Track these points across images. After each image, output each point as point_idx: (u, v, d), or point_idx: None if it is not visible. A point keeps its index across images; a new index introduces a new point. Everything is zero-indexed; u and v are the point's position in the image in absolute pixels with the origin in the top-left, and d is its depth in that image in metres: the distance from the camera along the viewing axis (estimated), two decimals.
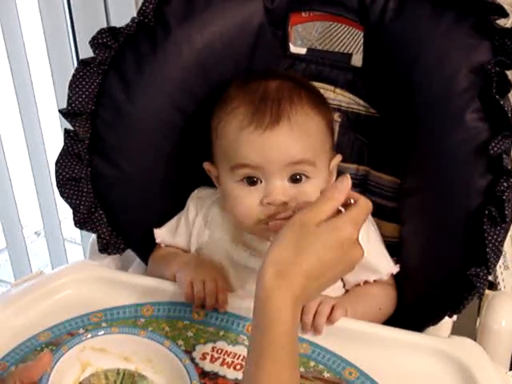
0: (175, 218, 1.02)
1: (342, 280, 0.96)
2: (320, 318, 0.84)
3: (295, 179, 0.88)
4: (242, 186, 0.89)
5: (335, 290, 0.94)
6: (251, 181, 0.88)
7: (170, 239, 1.01)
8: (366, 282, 0.95)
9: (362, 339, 0.85)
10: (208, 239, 0.99)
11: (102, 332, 0.77)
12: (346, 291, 0.97)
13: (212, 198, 1.00)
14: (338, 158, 0.95)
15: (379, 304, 0.94)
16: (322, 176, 0.90)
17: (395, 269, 0.95)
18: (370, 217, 0.97)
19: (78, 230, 1.78)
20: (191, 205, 1.01)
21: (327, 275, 0.70)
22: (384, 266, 0.95)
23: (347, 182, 0.73)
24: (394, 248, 0.97)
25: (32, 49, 1.55)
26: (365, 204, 0.73)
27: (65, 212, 1.73)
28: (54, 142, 1.62)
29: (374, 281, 0.95)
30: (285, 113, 0.87)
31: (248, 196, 0.88)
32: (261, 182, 0.88)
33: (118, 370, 0.77)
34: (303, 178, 0.88)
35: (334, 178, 0.95)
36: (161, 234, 1.01)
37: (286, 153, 0.86)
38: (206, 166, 0.95)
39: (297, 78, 0.94)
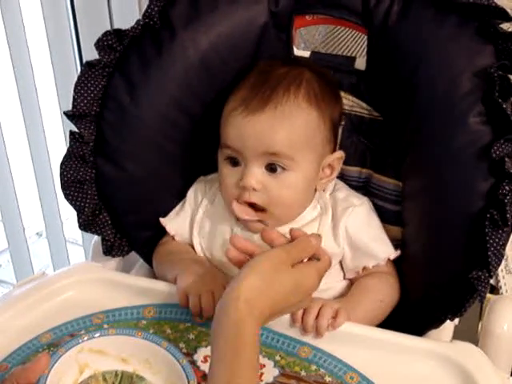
0: (180, 203, 1.03)
1: (342, 269, 0.97)
2: (322, 320, 0.84)
3: (271, 169, 0.90)
4: (227, 165, 0.93)
5: (335, 277, 0.96)
6: (234, 161, 0.92)
7: (174, 221, 1.01)
8: (364, 269, 0.95)
9: (364, 343, 0.84)
10: (213, 218, 0.99)
11: (100, 334, 0.77)
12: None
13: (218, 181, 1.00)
14: (337, 154, 0.96)
15: (380, 296, 0.93)
16: (304, 170, 0.91)
17: (394, 254, 0.96)
18: (370, 204, 0.99)
19: (79, 231, 1.79)
20: (198, 187, 1.02)
21: (284, 311, 0.79)
22: (382, 250, 0.96)
23: (320, 240, 0.81)
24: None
25: (35, 51, 1.55)
26: (328, 260, 0.83)
27: (67, 213, 1.73)
28: (57, 144, 1.63)
29: (373, 267, 0.95)
30: (274, 99, 0.89)
31: (229, 175, 0.93)
32: (242, 164, 0.91)
33: (116, 371, 0.77)
34: (279, 168, 0.90)
35: (336, 174, 0.96)
36: (166, 220, 1.01)
37: (262, 141, 0.88)
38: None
39: (314, 68, 0.95)
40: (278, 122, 0.88)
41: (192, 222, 1.01)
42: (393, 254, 0.96)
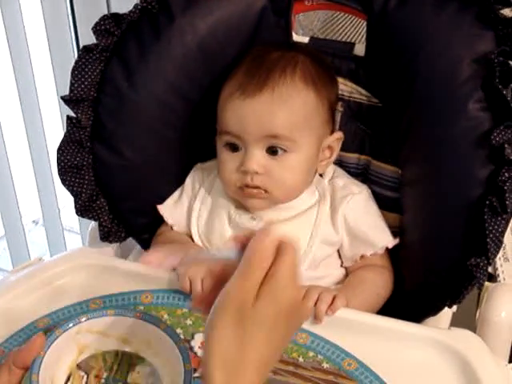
0: (177, 190, 1.02)
1: (340, 257, 0.98)
2: (322, 305, 0.84)
3: (273, 151, 0.90)
4: (226, 150, 0.93)
5: (333, 264, 0.96)
6: (233, 147, 0.92)
7: (172, 210, 1.01)
8: (362, 258, 0.95)
9: (362, 330, 0.84)
10: (211, 205, 0.99)
11: (98, 315, 0.77)
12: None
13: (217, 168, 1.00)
14: (336, 135, 0.96)
15: (376, 289, 0.94)
16: (305, 151, 0.91)
17: (392, 242, 0.96)
18: (369, 192, 0.98)
19: (77, 219, 1.79)
20: (195, 174, 1.02)
21: (279, 351, 0.64)
22: (380, 238, 0.96)
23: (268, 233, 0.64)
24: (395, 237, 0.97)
25: (32, 36, 1.54)
26: (291, 245, 0.63)
27: (64, 201, 1.73)
28: (54, 131, 1.62)
29: (371, 255, 0.95)
30: (271, 82, 0.89)
31: (229, 161, 0.92)
32: (241, 149, 0.91)
33: (117, 351, 0.77)
34: (280, 151, 0.90)
35: (335, 156, 0.97)
36: (164, 208, 1.01)
37: (262, 125, 0.89)
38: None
39: (309, 51, 0.95)
40: (277, 104, 0.88)
41: (190, 210, 1.00)
42: (391, 241, 0.96)
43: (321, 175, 0.99)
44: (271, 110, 0.88)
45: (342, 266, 0.98)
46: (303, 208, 0.96)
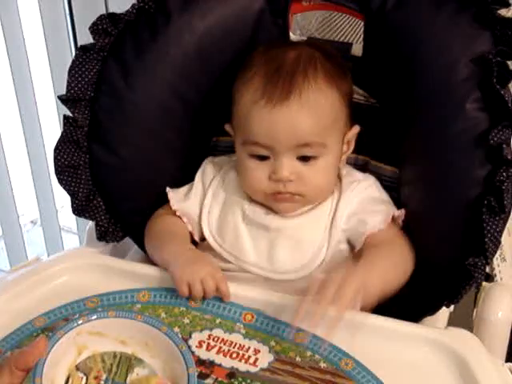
0: (186, 186, 1.00)
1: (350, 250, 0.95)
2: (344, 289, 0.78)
3: (304, 158, 0.89)
4: (252, 159, 0.91)
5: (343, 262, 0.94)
6: (261, 157, 0.90)
7: (181, 203, 0.99)
8: (370, 237, 0.91)
9: (359, 329, 0.84)
10: (224, 200, 0.98)
11: (98, 316, 0.77)
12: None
13: (229, 163, 0.99)
14: (355, 129, 0.95)
15: (393, 262, 0.88)
16: (333, 152, 0.91)
17: (397, 211, 0.93)
18: (373, 178, 0.97)
19: (74, 219, 1.79)
20: (208, 167, 1.00)
21: None
22: (384, 212, 0.93)
23: None
24: None
25: (30, 35, 1.54)
26: None
27: (61, 201, 1.73)
28: (52, 131, 1.62)
29: (379, 231, 0.91)
30: (296, 87, 0.87)
31: (258, 170, 0.91)
32: (270, 157, 0.89)
33: (115, 353, 0.77)
34: (312, 157, 0.89)
35: (352, 148, 0.96)
36: (174, 196, 0.99)
37: (293, 135, 0.87)
38: (227, 127, 0.96)
39: (319, 46, 0.94)
40: (306, 112, 0.87)
41: (201, 205, 0.99)
42: (396, 211, 0.93)
43: None
44: (301, 118, 0.87)
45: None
46: (325, 198, 0.95)
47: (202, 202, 0.99)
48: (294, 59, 0.89)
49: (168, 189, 1.00)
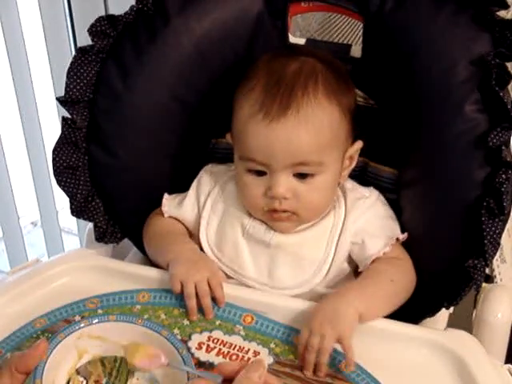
0: (183, 194, 1.00)
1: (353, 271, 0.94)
2: (322, 357, 0.79)
3: (300, 175, 0.87)
4: (250, 175, 0.89)
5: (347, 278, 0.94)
6: (258, 172, 0.89)
7: (176, 210, 0.99)
8: (375, 259, 0.91)
9: (358, 332, 0.84)
10: (222, 213, 0.96)
11: (100, 320, 0.77)
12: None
13: (227, 174, 0.98)
14: (358, 144, 0.93)
15: (389, 276, 0.88)
16: (331, 170, 0.89)
17: (402, 235, 0.92)
18: (377, 192, 0.96)
19: (74, 221, 1.79)
20: (205, 177, 0.99)
21: None
22: (389, 233, 0.92)
23: (263, 367, 0.67)
24: None
25: (30, 36, 1.54)
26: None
27: (62, 202, 1.73)
28: (52, 132, 1.62)
29: (384, 254, 0.90)
30: (294, 103, 0.84)
31: (254, 185, 0.89)
32: (267, 173, 0.88)
33: (115, 357, 0.77)
34: (308, 175, 0.88)
35: (354, 164, 0.94)
36: (167, 203, 0.99)
37: (290, 153, 0.85)
38: (228, 137, 0.94)
39: (324, 58, 0.91)
40: (304, 129, 0.85)
41: (197, 217, 0.98)
42: (400, 235, 0.92)
43: None
44: (298, 135, 0.84)
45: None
46: (320, 216, 0.93)
47: (197, 212, 0.98)
48: (295, 72, 0.87)
49: (165, 196, 0.99)
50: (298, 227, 0.93)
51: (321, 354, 0.79)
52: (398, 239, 0.92)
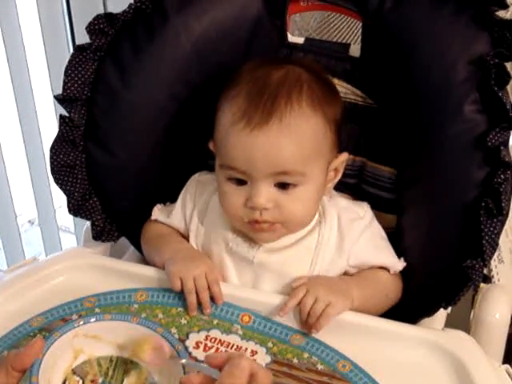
0: (173, 204, 0.99)
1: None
2: (310, 318, 0.83)
3: (282, 185, 0.85)
4: (230, 183, 0.87)
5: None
6: (238, 181, 0.87)
7: (167, 219, 0.99)
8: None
9: (356, 331, 0.84)
10: (209, 226, 0.95)
11: (95, 319, 0.77)
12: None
13: (214, 184, 0.96)
14: (343, 156, 0.92)
15: (387, 290, 0.91)
16: (314, 181, 0.87)
17: (400, 264, 0.93)
18: (370, 211, 0.96)
19: (72, 219, 1.79)
20: (191, 188, 0.99)
21: None
22: (386, 262, 0.93)
23: (248, 359, 0.68)
24: (390, 238, 0.96)
25: (28, 34, 1.54)
26: (268, 377, 0.66)
27: (59, 201, 1.72)
28: (50, 131, 1.62)
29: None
30: (277, 111, 0.82)
31: (234, 195, 0.87)
32: (247, 182, 0.86)
33: (111, 357, 0.77)
34: (290, 185, 0.85)
35: (339, 177, 0.93)
36: (158, 213, 0.99)
37: (271, 162, 0.83)
38: (211, 145, 0.93)
39: (310, 67, 0.90)
40: (286, 138, 0.82)
41: (187, 230, 0.97)
42: (398, 263, 0.93)
43: None
44: (280, 144, 0.82)
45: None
46: (303, 232, 0.91)
47: (185, 226, 0.97)
48: (279, 80, 0.85)
49: (156, 207, 1.00)
50: (281, 243, 0.91)
51: (311, 316, 0.82)
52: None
